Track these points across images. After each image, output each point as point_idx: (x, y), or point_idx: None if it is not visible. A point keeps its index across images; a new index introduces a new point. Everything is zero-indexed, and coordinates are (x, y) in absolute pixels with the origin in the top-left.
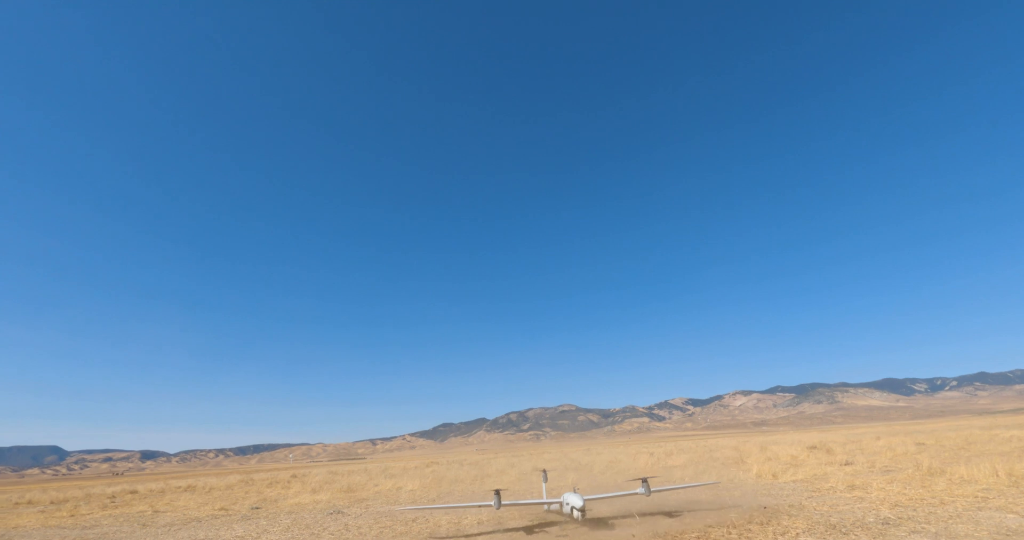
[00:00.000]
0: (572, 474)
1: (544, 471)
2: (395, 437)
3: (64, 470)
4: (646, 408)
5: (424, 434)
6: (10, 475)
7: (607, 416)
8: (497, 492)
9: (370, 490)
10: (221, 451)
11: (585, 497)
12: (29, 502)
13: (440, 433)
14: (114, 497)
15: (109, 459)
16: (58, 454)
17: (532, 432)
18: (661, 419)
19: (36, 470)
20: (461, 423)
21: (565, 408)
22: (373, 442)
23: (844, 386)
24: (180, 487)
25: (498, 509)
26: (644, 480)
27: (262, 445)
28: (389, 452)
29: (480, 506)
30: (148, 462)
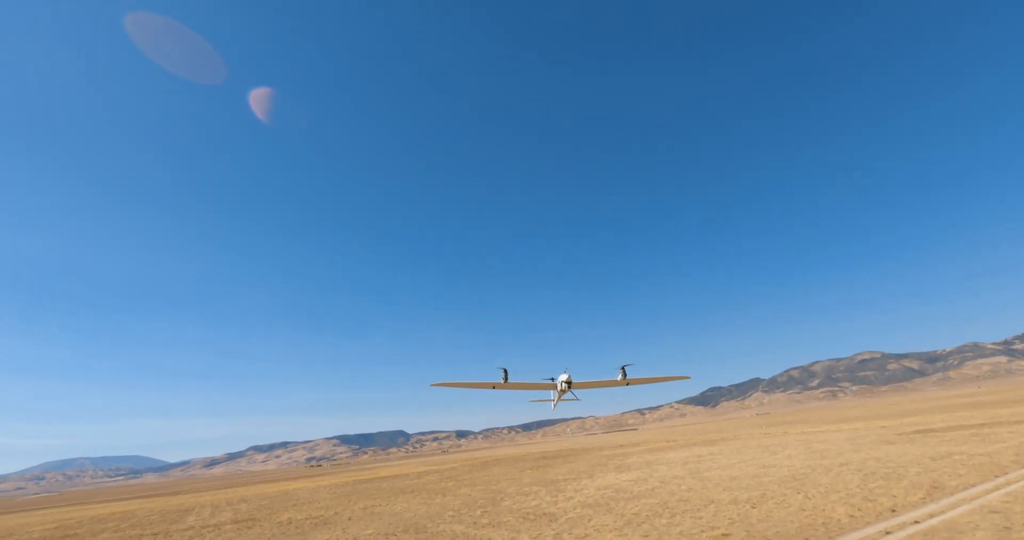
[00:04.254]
0: None
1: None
2: (663, 405)
3: (410, 448)
4: (999, 344)
5: (693, 400)
6: (380, 453)
7: (933, 360)
8: (504, 371)
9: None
10: (512, 428)
11: (574, 380)
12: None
13: (710, 398)
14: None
15: (436, 438)
16: (404, 436)
17: (825, 389)
18: None
19: (394, 449)
20: (732, 386)
21: (866, 356)
22: (641, 412)
23: None
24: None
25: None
26: (623, 368)
27: (544, 421)
28: (659, 421)
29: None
30: (462, 439)
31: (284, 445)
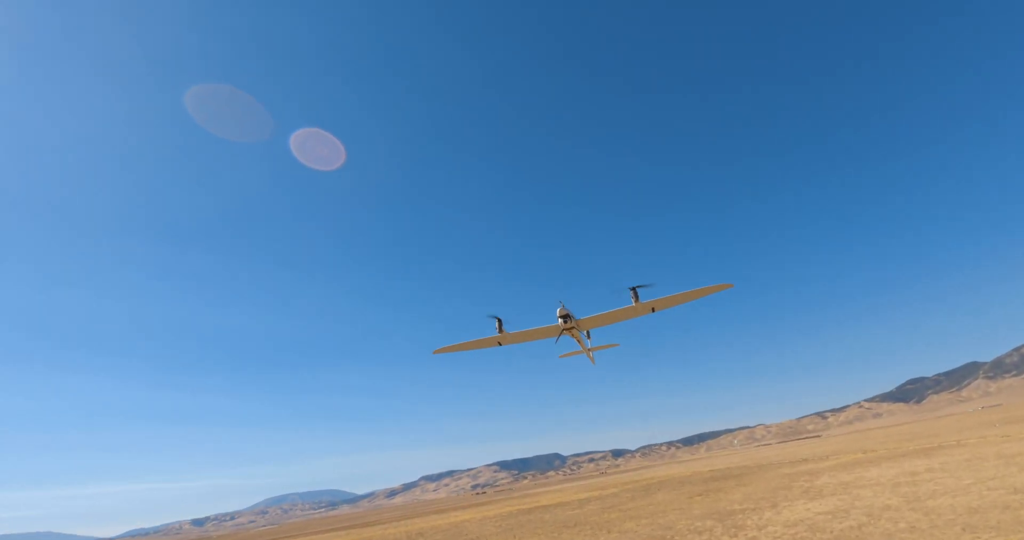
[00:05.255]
0: None
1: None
2: (849, 405)
3: (567, 471)
4: None
5: (888, 396)
6: (539, 476)
7: None
8: (498, 320)
9: None
10: (672, 443)
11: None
12: None
13: (911, 392)
14: None
15: (592, 459)
16: (560, 459)
17: None
18: None
19: (552, 472)
20: (940, 374)
21: None
22: (823, 415)
23: None
24: None
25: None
26: (633, 289)
27: (706, 433)
28: (847, 425)
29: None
30: (619, 459)
31: (450, 473)
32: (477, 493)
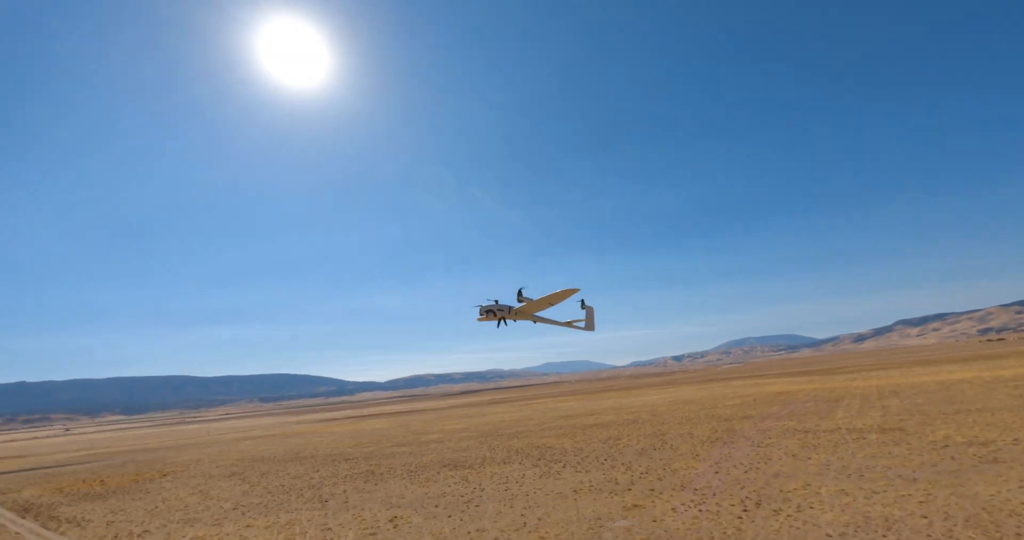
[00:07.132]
0: None
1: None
2: None
3: None
4: None
5: None
6: None
7: None
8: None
9: None
10: None
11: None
12: None
13: None
14: None
15: None
16: None
17: None
18: None
19: None
20: None
21: None
22: None
23: None
24: None
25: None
26: (519, 291)
27: None
28: None
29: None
30: None
31: (940, 317)
32: (988, 339)
